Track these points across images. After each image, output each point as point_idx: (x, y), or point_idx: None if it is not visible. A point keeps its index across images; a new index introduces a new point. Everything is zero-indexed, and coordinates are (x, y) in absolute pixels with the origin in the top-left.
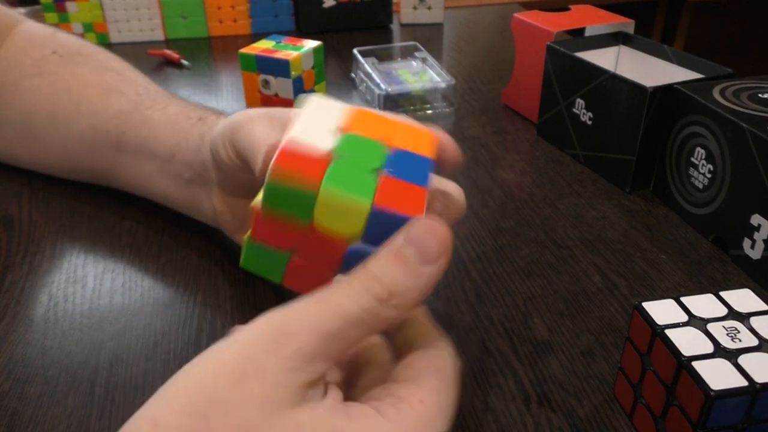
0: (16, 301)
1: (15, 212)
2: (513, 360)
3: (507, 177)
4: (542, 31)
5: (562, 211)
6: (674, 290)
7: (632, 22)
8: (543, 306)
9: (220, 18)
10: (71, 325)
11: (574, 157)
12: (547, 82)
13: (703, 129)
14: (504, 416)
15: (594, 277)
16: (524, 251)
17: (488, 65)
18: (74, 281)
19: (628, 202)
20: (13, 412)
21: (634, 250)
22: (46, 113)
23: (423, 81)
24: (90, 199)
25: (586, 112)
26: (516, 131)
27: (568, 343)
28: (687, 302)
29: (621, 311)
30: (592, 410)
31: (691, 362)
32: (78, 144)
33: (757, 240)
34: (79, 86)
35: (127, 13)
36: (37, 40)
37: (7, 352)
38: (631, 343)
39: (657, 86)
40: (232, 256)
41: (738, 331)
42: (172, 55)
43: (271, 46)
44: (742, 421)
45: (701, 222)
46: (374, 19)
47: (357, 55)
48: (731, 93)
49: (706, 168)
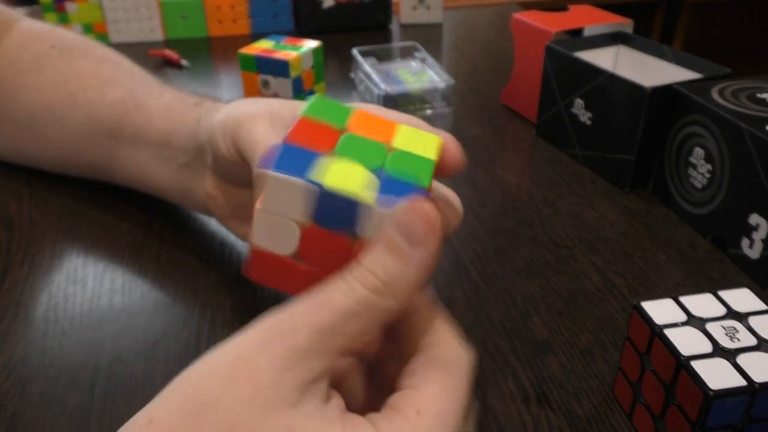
0: (16, 301)
1: (15, 213)
2: (512, 360)
3: (506, 177)
4: (541, 31)
5: (561, 210)
6: (673, 290)
7: (631, 22)
8: (542, 306)
9: (220, 18)
10: (71, 325)
11: (573, 156)
12: (546, 82)
13: (701, 129)
14: (503, 416)
15: (593, 276)
16: (523, 251)
17: (487, 65)
18: (74, 281)
19: (628, 202)
20: (13, 412)
21: (633, 249)
22: (45, 107)
23: (422, 81)
24: (90, 200)
25: (585, 112)
26: (515, 131)
27: (568, 342)
28: (686, 302)
29: (620, 311)
30: (592, 410)
31: (690, 362)
32: (75, 135)
33: (755, 239)
34: (76, 78)
35: (127, 13)
36: (36, 36)
37: (7, 352)
38: (630, 342)
39: (656, 86)
40: (232, 257)
41: (737, 331)
42: (171, 55)
43: (270, 46)
44: (741, 421)
45: (700, 222)
46: (373, 19)
47: (356, 55)
48: (730, 93)
49: (705, 168)
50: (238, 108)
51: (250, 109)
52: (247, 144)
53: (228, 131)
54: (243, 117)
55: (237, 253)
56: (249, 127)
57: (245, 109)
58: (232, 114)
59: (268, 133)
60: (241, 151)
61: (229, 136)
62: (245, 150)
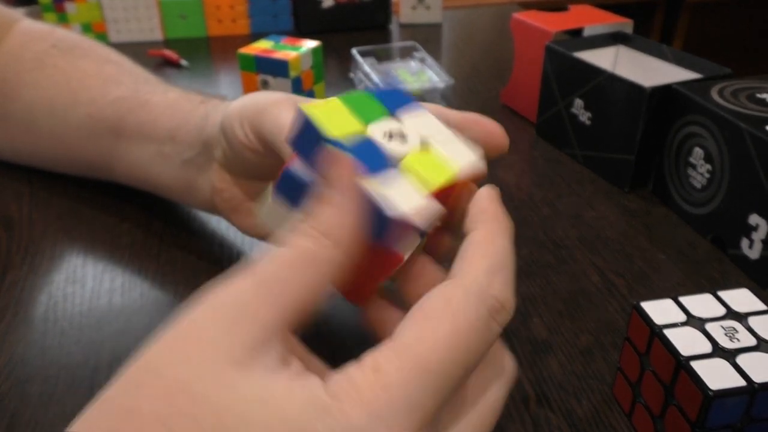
0: (16, 301)
1: (15, 213)
2: None
3: (506, 177)
4: (541, 31)
5: (561, 210)
6: (673, 290)
7: (631, 22)
8: (542, 306)
9: (219, 18)
10: (71, 325)
11: (573, 156)
12: (545, 82)
13: (701, 129)
14: (503, 416)
15: (593, 276)
16: (523, 251)
17: (487, 65)
18: (74, 281)
19: (627, 202)
20: (12, 412)
21: (633, 249)
22: (46, 106)
23: (422, 81)
24: (90, 200)
25: (584, 112)
26: (515, 131)
27: (567, 343)
28: (685, 302)
29: (620, 311)
30: (591, 410)
31: (690, 362)
32: (76, 134)
33: (755, 240)
34: (78, 77)
35: (126, 13)
36: (37, 35)
37: (7, 352)
38: (629, 342)
39: (655, 86)
40: (231, 257)
41: (736, 331)
42: (171, 55)
43: (269, 46)
44: (740, 421)
45: (700, 222)
46: (373, 19)
47: (356, 55)
48: (729, 93)
49: (705, 168)
50: (257, 96)
51: (274, 96)
52: (274, 128)
53: (247, 118)
54: (266, 103)
55: (237, 252)
56: (274, 111)
57: (265, 97)
58: (251, 102)
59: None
60: (264, 135)
61: (248, 123)
62: (270, 134)
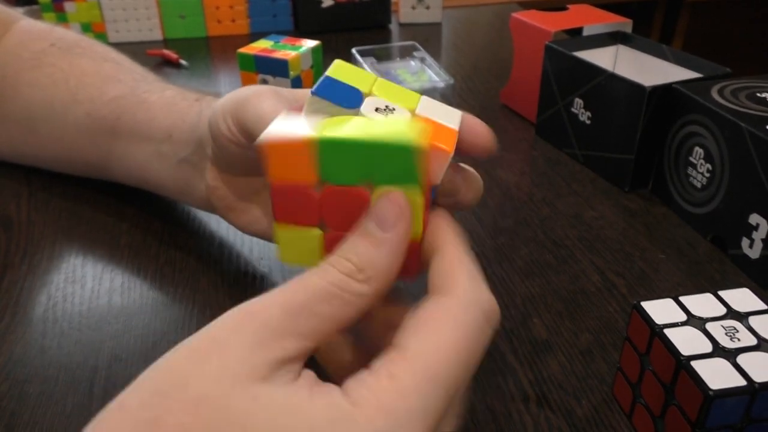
0: (15, 301)
1: (14, 213)
2: (512, 360)
3: (506, 177)
4: (540, 30)
5: (560, 210)
6: (673, 290)
7: (630, 22)
8: (542, 306)
9: (219, 18)
10: (70, 325)
11: (573, 156)
12: (545, 82)
13: (701, 128)
14: (503, 416)
15: (593, 276)
16: (523, 251)
17: (486, 65)
18: (73, 281)
19: (627, 202)
20: (12, 412)
21: (633, 249)
22: (44, 104)
23: (421, 81)
24: (89, 200)
25: (584, 111)
26: (514, 131)
27: (567, 343)
28: (686, 302)
29: (620, 311)
30: (591, 410)
31: (690, 362)
32: (74, 132)
33: (755, 239)
34: (77, 76)
35: (126, 12)
36: (36, 34)
37: (6, 352)
38: (629, 342)
39: (655, 86)
40: (231, 257)
41: (737, 331)
42: (170, 55)
43: (269, 45)
44: (741, 421)
45: (700, 221)
46: (373, 18)
47: (356, 54)
48: (729, 92)
49: (705, 167)
50: (239, 90)
51: (255, 87)
52: (254, 117)
53: (229, 110)
54: (246, 95)
55: (236, 253)
56: (255, 101)
57: (247, 89)
58: (233, 95)
59: (276, 106)
60: (245, 126)
61: (230, 115)
62: (252, 124)
